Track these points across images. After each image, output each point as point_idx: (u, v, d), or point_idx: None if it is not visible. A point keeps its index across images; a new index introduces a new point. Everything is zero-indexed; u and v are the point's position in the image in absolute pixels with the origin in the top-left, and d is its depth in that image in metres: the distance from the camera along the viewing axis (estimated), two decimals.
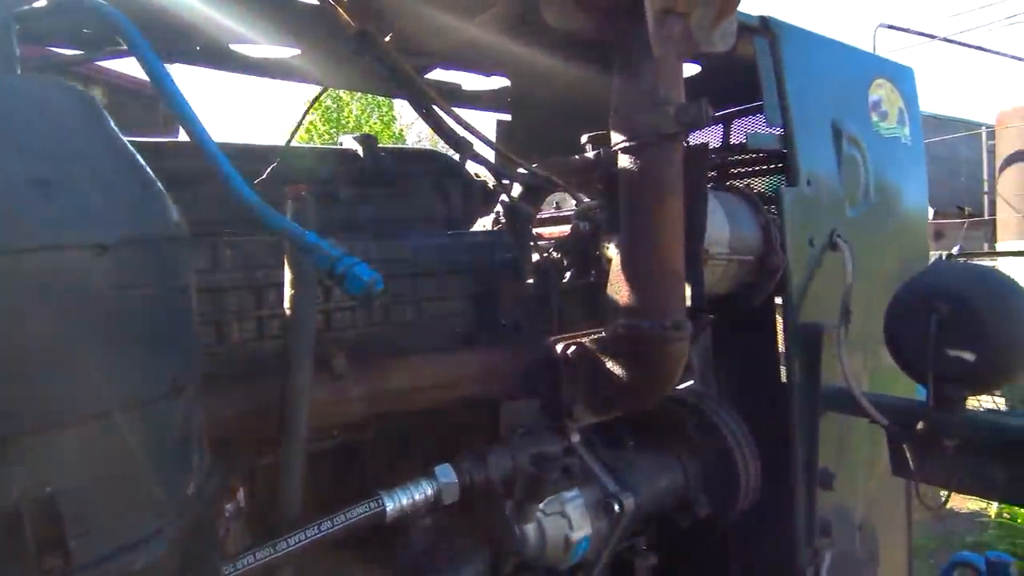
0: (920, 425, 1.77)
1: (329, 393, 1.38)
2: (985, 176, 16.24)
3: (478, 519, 1.50)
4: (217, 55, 2.15)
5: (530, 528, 1.47)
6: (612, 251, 1.61)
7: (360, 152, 2.04)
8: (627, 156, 1.32)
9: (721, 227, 1.54)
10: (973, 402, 2.19)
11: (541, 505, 1.46)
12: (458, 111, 1.90)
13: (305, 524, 1.18)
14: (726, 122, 2.40)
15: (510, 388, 1.54)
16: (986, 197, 16.03)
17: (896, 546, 2.75)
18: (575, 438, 1.59)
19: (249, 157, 1.83)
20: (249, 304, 1.49)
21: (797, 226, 1.94)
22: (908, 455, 1.88)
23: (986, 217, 15.53)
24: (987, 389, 1.81)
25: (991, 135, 15.72)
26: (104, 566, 0.71)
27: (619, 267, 1.39)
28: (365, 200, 1.95)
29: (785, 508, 2.08)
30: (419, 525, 1.34)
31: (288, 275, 1.29)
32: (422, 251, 1.77)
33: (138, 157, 0.87)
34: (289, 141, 1.76)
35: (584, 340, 1.46)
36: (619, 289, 1.39)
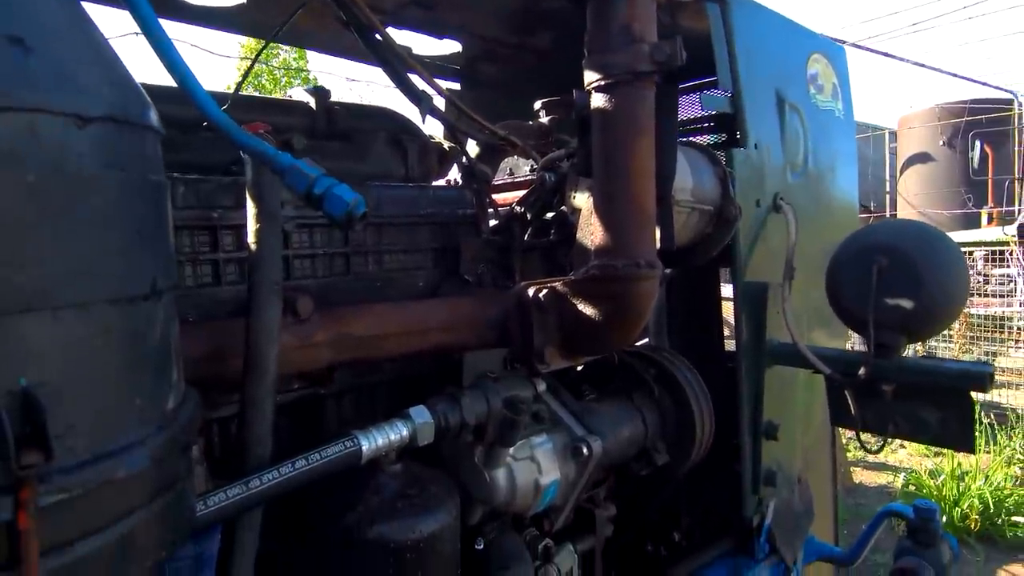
0: (861, 371, 1.88)
1: (294, 336, 1.32)
2: (887, 176, 17.41)
3: (447, 465, 1.48)
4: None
5: (500, 473, 1.46)
6: (580, 199, 1.62)
7: (312, 105, 1.96)
8: (600, 95, 1.33)
9: (684, 177, 1.58)
10: None
11: (511, 450, 1.46)
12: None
13: (277, 463, 1.13)
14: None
15: (480, 335, 1.53)
16: (888, 196, 17.20)
17: (825, 500, 2.91)
18: (541, 386, 1.59)
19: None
20: (204, 246, 1.41)
21: (745, 187, 2.02)
22: (849, 402, 1.99)
23: (888, 214, 16.66)
24: (922, 336, 1.93)
25: (893, 137, 16.89)
26: (85, 471, 0.65)
27: (591, 210, 1.40)
28: (319, 153, 1.88)
29: (733, 458, 2.16)
30: (389, 471, 1.31)
31: (251, 209, 1.22)
32: (384, 201, 1.73)
33: (113, 50, 0.80)
34: (237, 90, 1.67)
35: (555, 284, 1.46)
36: (592, 231, 1.40)
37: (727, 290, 2.27)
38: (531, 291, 1.46)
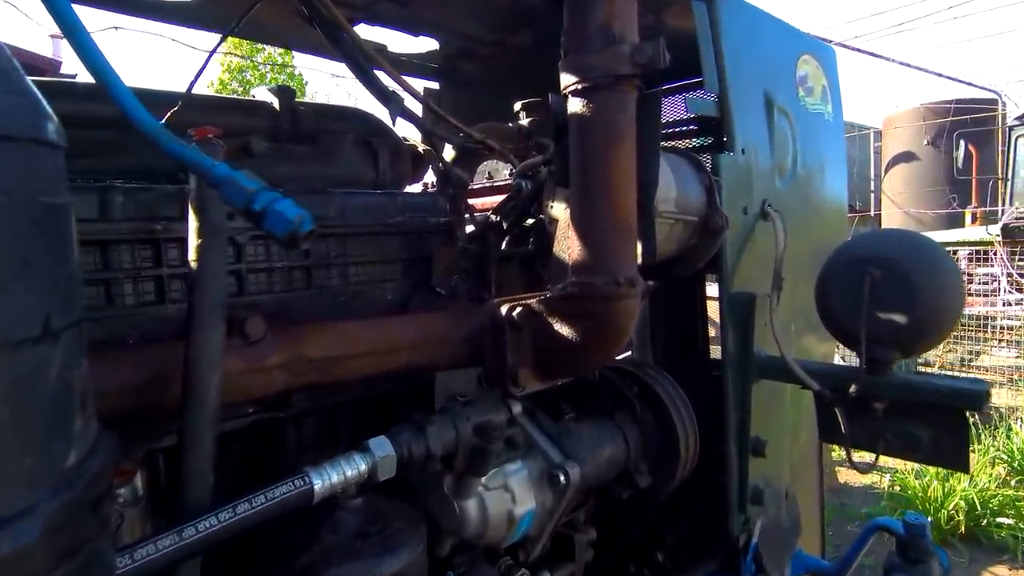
0: (852, 389, 1.79)
1: (243, 360, 1.21)
2: (872, 175, 17.51)
3: (414, 496, 1.37)
4: None
5: (471, 504, 1.36)
6: (557, 210, 1.52)
7: (276, 105, 1.84)
8: (578, 100, 1.23)
9: (668, 186, 1.49)
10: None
11: (483, 479, 1.36)
12: (382, 75, 1.76)
13: (217, 507, 1.02)
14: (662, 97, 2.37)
15: (452, 354, 1.43)
16: (872, 195, 17.30)
17: (811, 512, 2.84)
18: (516, 408, 1.49)
19: (149, 102, 1.61)
20: (146, 261, 1.30)
21: (731, 194, 1.93)
22: (839, 419, 1.91)
23: (872, 212, 16.75)
24: (915, 351, 1.85)
25: (878, 137, 16.97)
26: None
27: (568, 222, 1.30)
28: (282, 157, 1.77)
29: (718, 476, 2.08)
30: (348, 506, 1.20)
31: (193, 221, 1.11)
32: (349, 209, 1.61)
33: (13, 60, 0.69)
34: (191, 88, 1.55)
35: (530, 301, 1.36)
36: (569, 246, 1.30)
37: (712, 288, 2.19)
38: (504, 309, 1.36)
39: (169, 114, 1.53)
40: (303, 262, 1.52)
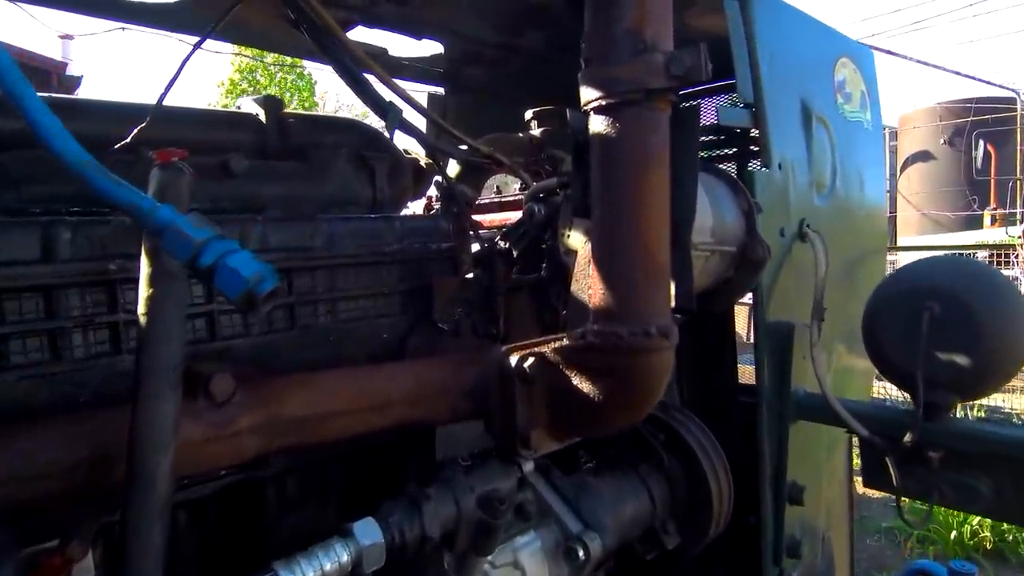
0: (908, 437, 1.59)
1: (208, 426, 1.03)
2: (887, 175, 17.19)
3: (410, 571, 1.19)
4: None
5: None
6: (575, 239, 1.33)
7: (262, 118, 1.66)
8: (602, 117, 1.04)
9: (703, 213, 1.29)
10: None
11: (490, 556, 1.17)
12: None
13: None
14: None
15: (452, 409, 1.24)
16: (888, 195, 16.97)
17: (841, 546, 2.63)
18: (528, 466, 1.30)
19: (113, 118, 1.44)
20: (99, 307, 1.12)
21: (768, 214, 1.73)
22: (889, 467, 1.70)
23: (888, 214, 16.45)
24: (978, 395, 1.64)
25: (894, 136, 16.63)
26: None
27: (589, 259, 1.11)
28: (268, 176, 1.59)
29: (751, 527, 1.88)
30: None
31: (144, 265, 0.93)
32: (338, 237, 1.43)
33: None
34: (162, 99, 1.37)
35: (544, 350, 1.17)
36: (589, 286, 1.11)
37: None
38: (515, 359, 1.17)
39: (136, 130, 1.36)
40: (285, 300, 1.34)
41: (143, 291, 0.93)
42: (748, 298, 1.92)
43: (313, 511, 1.40)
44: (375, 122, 1.75)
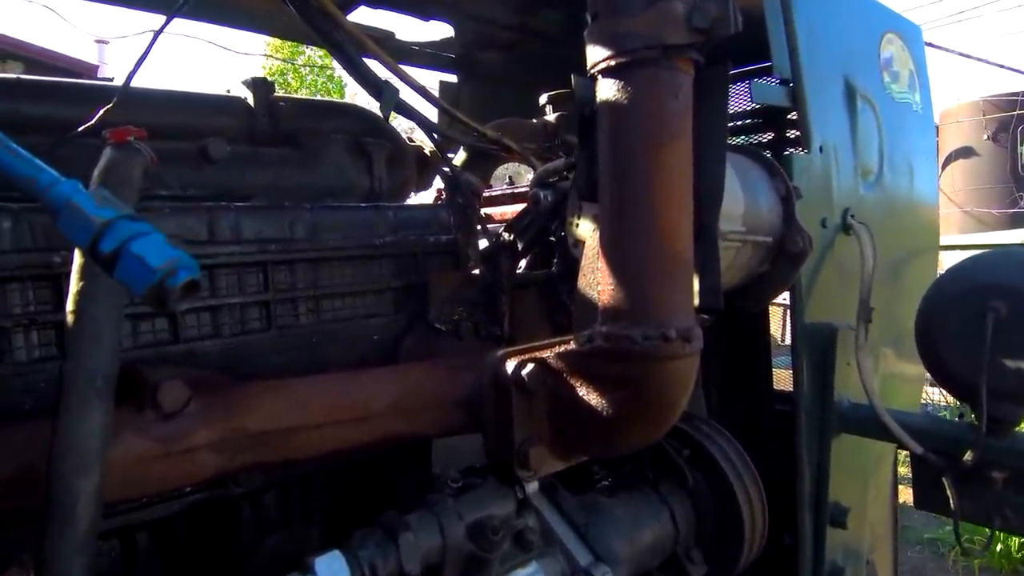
0: (968, 455, 1.39)
1: (155, 441, 0.90)
2: None
3: None
4: None
5: None
6: (584, 229, 1.17)
7: (251, 101, 1.53)
8: (611, 82, 0.87)
9: (733, 197, 1.12)
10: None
11: None
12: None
13: None
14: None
15: (441, 421, 1.09)
16: None
17: (886, 571, 2.41)
18: (531, 487, 1.14)
19: (79, 99, 1.32)
20: (43, 303, 1.00)
21: (808, 203, 1.54)
22: (945, 487, 1.50)
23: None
24: None
25: (935, 131, 16.03)
26: None
27: (598, 249, 0.95)
28: (253, 163, 1.46)
29: (786, 548, 1.70)
30: None
31: (76, 256, 0.80)
32: (323, 228, 1.29)
33: None
34: (130, 79, 1.25)
35: (546, 355, 1.01)
36: (598, 281, 0.95)
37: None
38: (511, 365, 1.01)
39: (102, 112, 1.23)
40: (260, 296, 1.20)
41: (72, 285, 0.80)
42: (782, 297, 1.74)
43: (293, 530, 1.27)
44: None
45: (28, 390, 0.98)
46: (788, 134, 2.04)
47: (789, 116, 1.94)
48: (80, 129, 1.21)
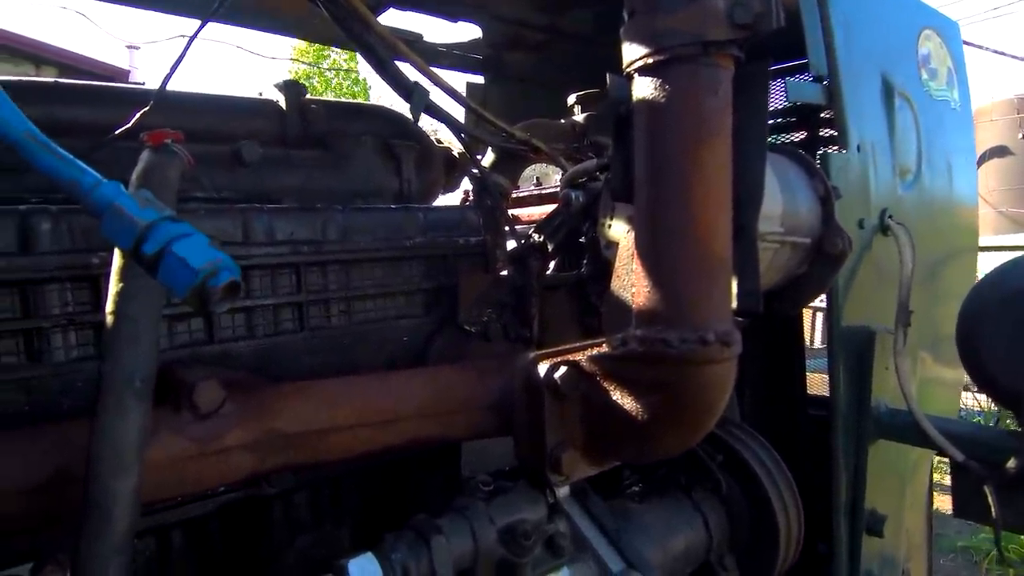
0: (1012, 463, 1.35)
1: (191, 441, 0.90)
2: None
3: None
4: None
5: None
6: (616, 230, 1.15)
7: (282, 104, 1.55)
8: (648, 80, 0.86)
9: (772, 197, 1.09)
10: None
11: None
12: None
13: None
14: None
15: (472, 424, 1.08)
16: None
17: (920, 575, 2.35)
18: (562, 491, 1.12)
19: (115, 102, 1.34)
20: (82, 304, 1.01)
21: (845, 203, 1.50)
22: (987, 496, 1.46)
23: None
24: None
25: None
26: None
27: (632, 251, 0.93)
28: (284, 165, 1.47)
29: (821, 556, 1.66)
30: None
31: (116, 256, 0.80)
32: (354, 229, 1.29)
33: None
34: (165, 83, 1.26)
35: (579, 358, 1.00)
36: (632, 284, 0.93)
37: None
38: (544, 368, 1.00)
39: (138, 115, 1.25)
40: (294, 298, 1.21)
41: (112, 286, 0.81)
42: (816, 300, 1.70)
43: (324, 530, 1.27)
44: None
45: (66, 390, 1.00)
46: (822, 133, 2.00)
47: (824, 115, 1.90)
48: (117, 132, 1.23)
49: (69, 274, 0.99)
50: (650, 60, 0.85)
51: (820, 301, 1.73)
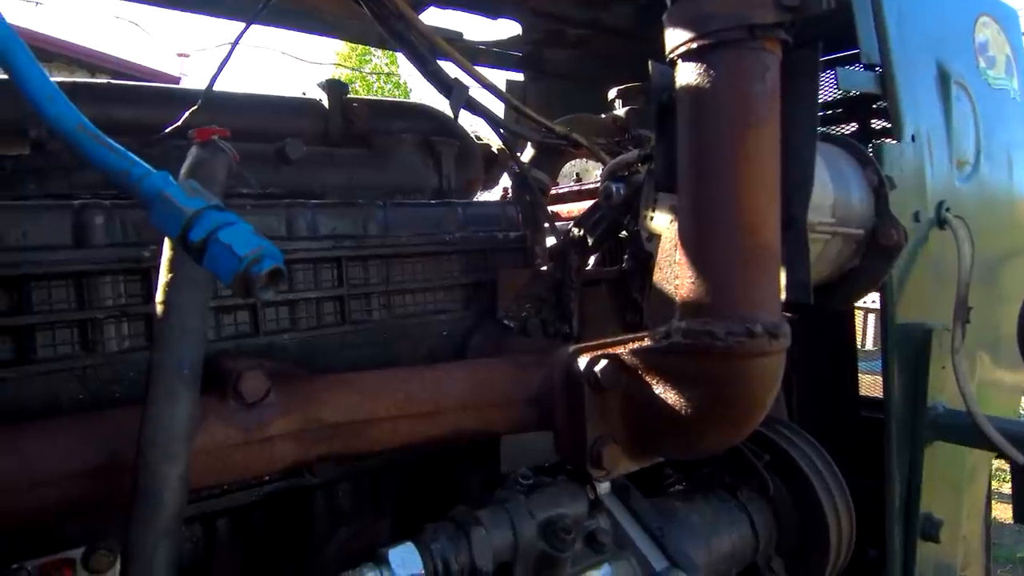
0: None
1: (237, 429, 0.92)
2: None
3: None
4: None
5: None
6: (659, 222, 1.13)
7: (325, 103, 1.57)
8: (692, 65, 0.84)
9: (822, 187, 1.05)
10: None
11: None
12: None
13: None
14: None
15: (512, 418, 1.08)
16: None
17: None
18: (603, 487, 1.11)
19: (164, 102, 1.38)
20: (133, 296, 1.04)
21: (899, 195, 1.44)
22: None
23: None
24: None
25: None
26: None
27: (676, 241, 0.91)
28: (327, 163, 1.49)
29: (871, 562, 1.60)
30: None
31: (165, 248, 0.82)
32: (395, 224, 1.30)
33: None
34: (212, 82, 1.29)
35: (621, 351, 0.98)
36: (676, 275, 0.91)
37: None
38: (584, 361, 0.99)
39: (187, 114, 1.29)
40: (336, 292, 1.22)
41: (161, 276, 0.83)
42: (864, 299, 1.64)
43: (364, 521, 1.28)
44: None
45: (118, 380, 1.03)
46: (873, 125, 1.93)
47: (876, 105, 1.83)
48: (167, 131, 1.27)
49: (121, 267, 1.02)
50: (694, 45, 0.83)
51: (871, 302, 1.67)
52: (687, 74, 0.86)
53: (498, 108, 1.93)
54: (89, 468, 0.83)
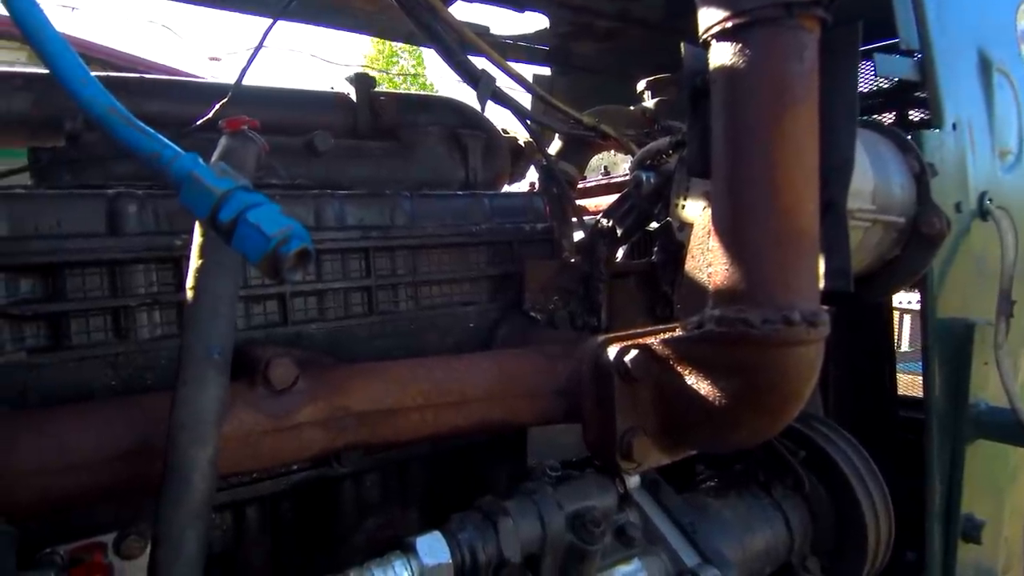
0: None
1: (266, 417, 0.92)
2: None
3: None
4: None
5: None
6: (692, 210, 1.11)
7: (353, 96, 1.57)
8: (727, 45, 0.82)
9: (862, 173, 1.02)
10: None
11: None
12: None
13: None
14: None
15: (539, 409, 1.06)
16: None
17: None
18: (632, 481, 1.09)
19: (196, 96, 1.39)
20: (165, 284, 1.05)
21: (940, 185, 1.39)
22: None
23: None
24: None
25: None
26: None
27: (709, 228, 0.89)
28: (355, 156, 1.49)
29: (909, 565, 1.55)
30: None
31: (196, 234, 0.83)
32: (421, 215, 1.30)
33: None
34: (242, 76, 1.30)
35: (650, 341, 0.96)
36: (710, 262, 0.89)
37: None
38: (613, 351, 0.97)
39: (217, 107, 1.29)
40: (363, 282, 1.22)
41: (192, 262, 0.83)
42: (898, 299, 1.59)
43: (392, 511, 1.28)
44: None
45: (150, 366, 1.03)
46: (912, 115, 1.88)
47: (915, 93, 1.78)
48: (198, 123, 1.28)
49: (153, 255, 1.03)
50: (729, 24, 0.81)
51: (908, 302, 1.62)
52: (721, 54, 0.83)
53: (525, 100, 1.94)
54: (121, 452, 0.84)
